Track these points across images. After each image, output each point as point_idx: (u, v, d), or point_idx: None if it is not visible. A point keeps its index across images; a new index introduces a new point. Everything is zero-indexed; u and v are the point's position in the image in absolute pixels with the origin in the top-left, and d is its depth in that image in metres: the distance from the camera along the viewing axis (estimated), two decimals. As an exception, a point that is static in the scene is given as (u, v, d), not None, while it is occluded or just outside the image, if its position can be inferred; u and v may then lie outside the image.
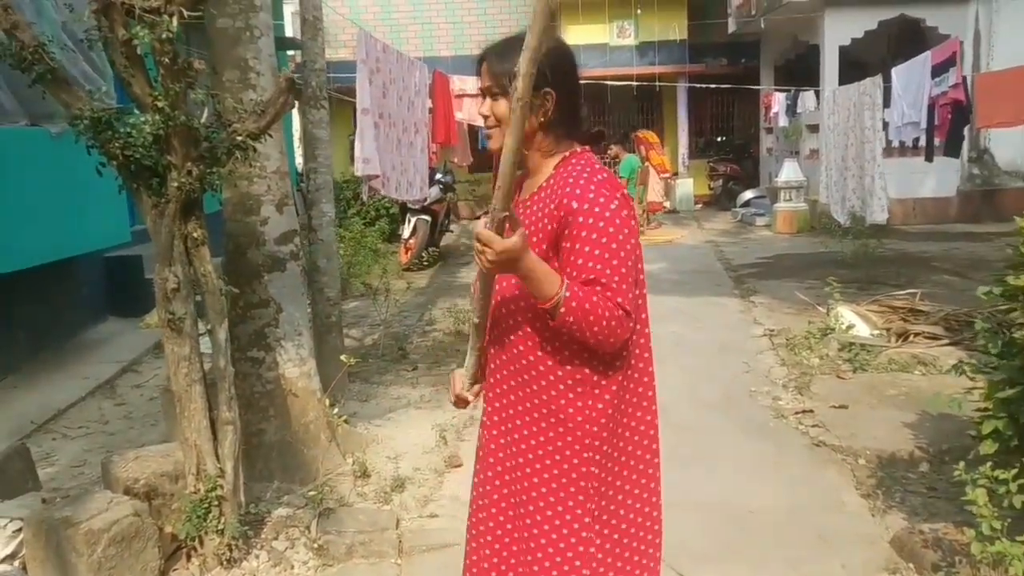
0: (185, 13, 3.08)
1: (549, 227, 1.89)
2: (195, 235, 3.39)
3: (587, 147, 2.04)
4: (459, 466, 4.58)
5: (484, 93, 2.02)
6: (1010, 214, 13.51)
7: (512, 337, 1.98)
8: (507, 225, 1.76)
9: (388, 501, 4.14)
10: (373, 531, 3.77)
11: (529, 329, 1.95)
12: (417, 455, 4.74)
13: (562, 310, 1.78)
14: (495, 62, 1.98)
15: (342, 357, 4.85)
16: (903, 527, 3.69)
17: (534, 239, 1.91)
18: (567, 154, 1.99)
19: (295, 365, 4.33)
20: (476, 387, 2.12)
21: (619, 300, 1.82)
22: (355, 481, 4.31)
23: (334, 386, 4.94)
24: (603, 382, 1.94)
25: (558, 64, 1.95)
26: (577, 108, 2.01)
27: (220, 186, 3.51)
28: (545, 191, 1.96)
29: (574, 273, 1.84)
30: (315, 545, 3.66)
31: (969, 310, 6.87)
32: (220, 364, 3.52)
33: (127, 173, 3.24)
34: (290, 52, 14.11)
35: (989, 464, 3.05)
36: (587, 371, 1.92)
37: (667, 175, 16.21)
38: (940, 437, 4.72)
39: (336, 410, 4.68)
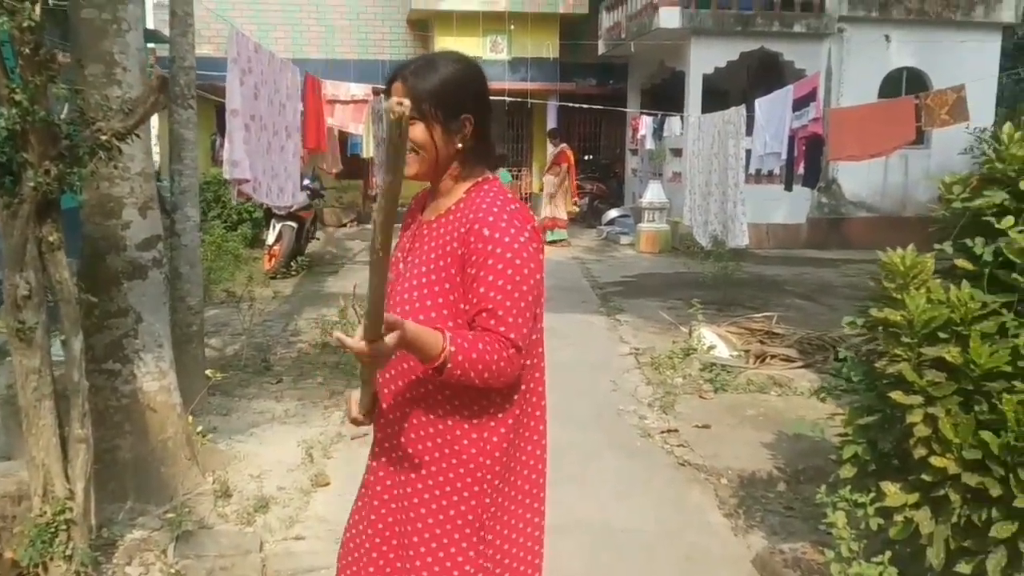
0: (50, 1, 2.87)
1: (459, 251, 1.85)
2: (51, 239, 3.15)
3: (495, 173, 2.02)
4: (326, 485, 4.44)
5: None
6: (854, 241, 14.34)
7: (408, 365, 1.91)
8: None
9: (251, 523, 3.97)
10: (235, 555, 3.60)
11: None
12: (282, 473, 4.58)
13: (449, 366, 1.74)
14: (414, 82, 1.89)
15: (207, 372, 4.63)
16: (764, 546, 3.82)
17: (440, 263, 1.88)
18: (479, 180, 1.96)
19: (154, 378, 4.10)
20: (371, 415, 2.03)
21: (512, 336, 1.80)
22: (216, 501, 4.11)
23: (196, 401, 4.71)
24: (500, 415, 1.91)
25: (476, 88, 1.93)
26: (490, 132, 1.98)
27: (80, 187, 3.28)
28: (455, 215, 1.92)
29: (474, 299, 1.82)
30: (172, 570, 3.47)
31: (820, 334, 7.23)
32: (74, 377, 3.28)
33: (-24, 170, 2.99)
34: (150, 45, 13.53)
35: (848, 487, 3.18)
36: (484, 403, 1.89)
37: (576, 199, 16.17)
38: (796, 457, 4.92)
39: (198, 427, 4.46)
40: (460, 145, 1.92)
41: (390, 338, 1.68)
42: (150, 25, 14.26)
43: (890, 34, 14.73)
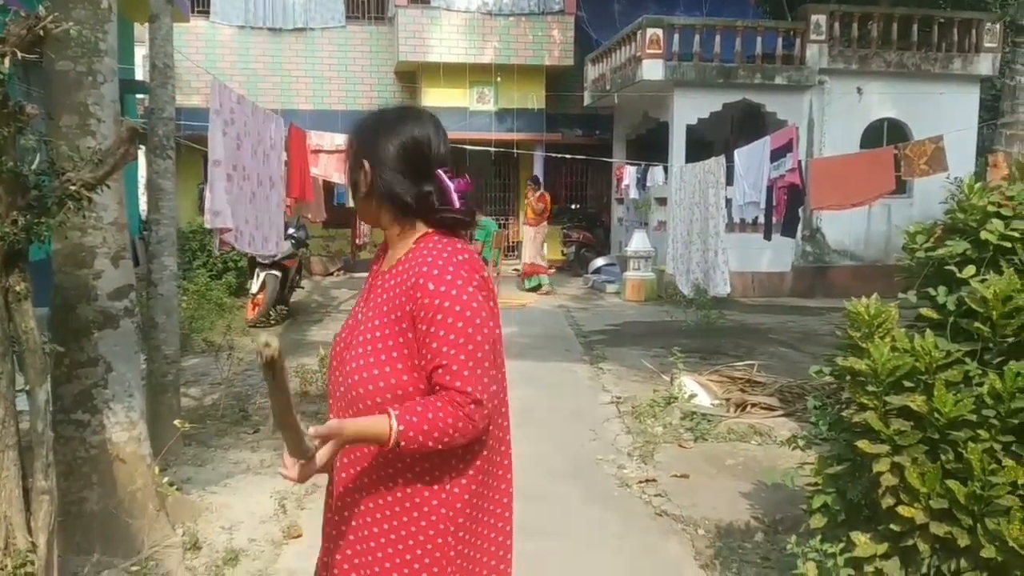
0: (19, 54, 2.90)
1: (407, 306, 1.84)
2: (17, 289, 3.14)
3: (437, 231, 1.94)
4: (298, 536, 4.38)
5: None
6: (838, 289, 14.42)
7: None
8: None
9: None
10: (201, 609, 3.54)
11: None
12: (254, 525, 4.52)
13: (402, 444, 1.75)
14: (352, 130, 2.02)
15: (175, 422, 4.59)
16: (739, 599, 3.78)
17: (392, 316, 1.86)
18: (427, 232, 1.94)
19: (123, 429, 4.07)
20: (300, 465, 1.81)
21: (468, 390, 1.78)
22: (184, 554, 4.05)
23: (166, 451, 4.67)
24: (462, 466, 1.89)
25: (369, 135, 1.96)
26: (398, 189, 1.91)
27: (49, 237, 3.29)
28: (403, 266, 1.91)
29: (428, 356, 1.81)
30: (135, 625, 3.41)
31: (802, 382, 7.22)
32: (38, 428, 3.25)
33: (-58, 220, 2.99)
34: (139, 96, 13.65)
35: (819, 538, 3.16)
36: (447, 455, 1.86)
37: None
38: (774, 507, 4.88)
39: (166, 477, 4.40)
40: (364, 191, 1.94)
41: (327, 448, 1.73)
42: (139, 76, 14.39)
43: (869, 86, 14.96)
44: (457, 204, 1.92)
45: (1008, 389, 2.64)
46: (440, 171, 1.93)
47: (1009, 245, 2.98)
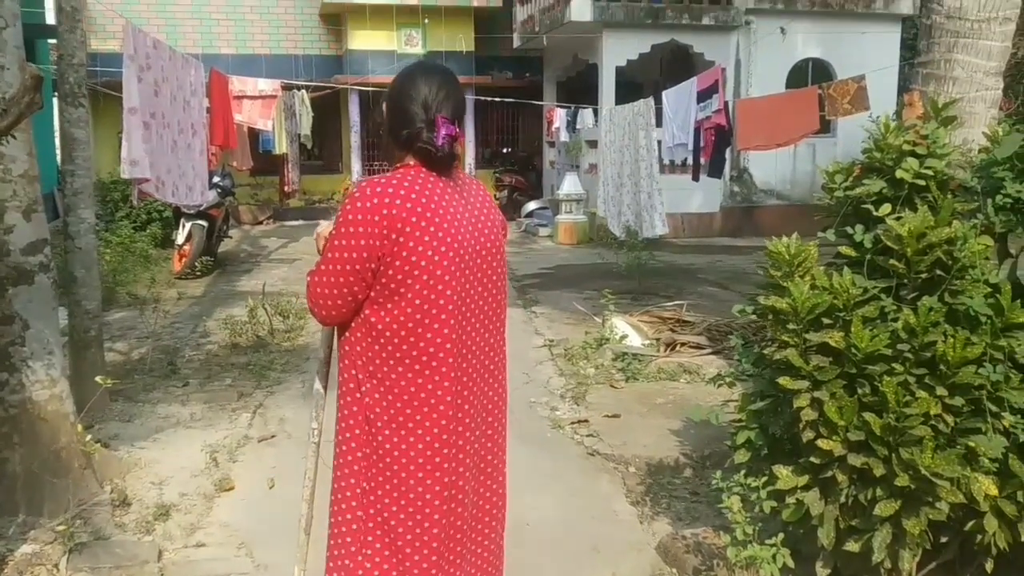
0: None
1: None
2: (-79, 246, 3.02)
3: (420, 163, 2.17)
4: (230, 489, 4.35)
5: None
6: (766, 228, 14.61)
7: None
8: None
9: (150, 531, 3.87)
10: (132, 565, 3.51)
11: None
12: (185, 479, 4.47)
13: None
14: None
15: (97, 379, 4.47)
16: (668, 533, 3.88)
17: None
18: (399, 166, 2.21)
19: (44, 387, 3.96)
20: None
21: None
22: (113, 511, 3.99)
23: (91, 407, 4.57)
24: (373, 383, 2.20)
25: (393, 83, 2.28)
26: (399, 128, 2.19)
27: (-47, 191, 3.16)
28: None
29: None
30: (64, 584, 3.36)
31: (729, 321, 7.36)
32: (-48, 389, 3.16)
33: None
34: (52, 41, 13.10)
35: (743, 472, 3.25)
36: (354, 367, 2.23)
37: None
38: (702, 443, 5.00)
39: (89, 435, 4.30)
40: (383, 129, 2.28)
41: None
42: (51, 20, 13.78)
43: (794, 25, 15.06)
44: (439, 143, 2.13)
45: (921, 323, 2.72)
46: (440, 117, 2.14)
47: (923, 183, 3.06)
